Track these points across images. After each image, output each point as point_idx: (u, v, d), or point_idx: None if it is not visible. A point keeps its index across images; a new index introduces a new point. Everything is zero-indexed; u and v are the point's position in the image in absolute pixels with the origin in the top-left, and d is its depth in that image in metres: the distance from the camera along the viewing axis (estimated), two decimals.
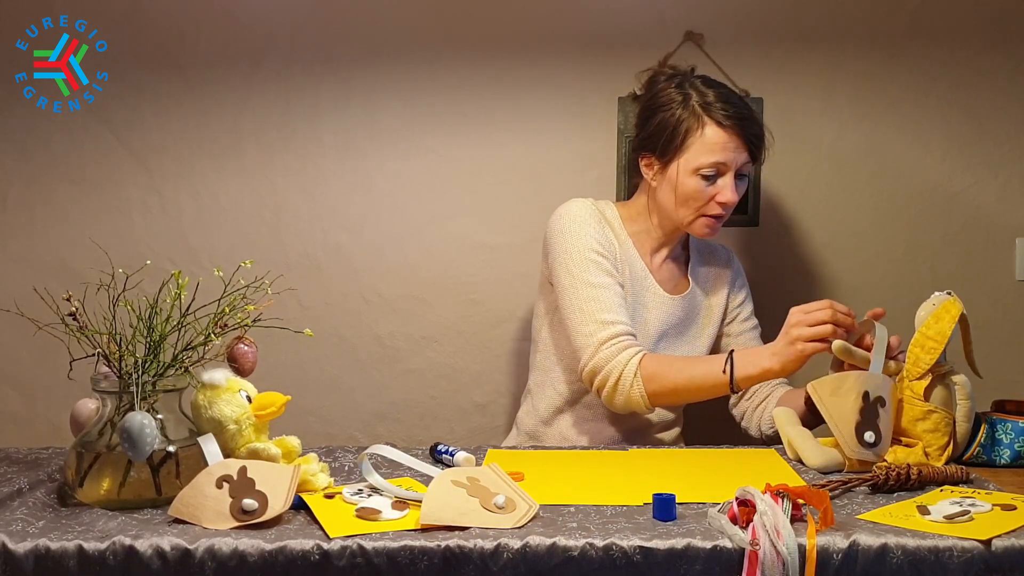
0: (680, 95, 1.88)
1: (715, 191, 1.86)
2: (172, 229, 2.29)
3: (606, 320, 1.81)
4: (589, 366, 1.81)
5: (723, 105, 1.85)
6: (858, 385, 1.60)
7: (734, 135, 1.84)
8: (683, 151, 1.86)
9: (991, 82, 2.25)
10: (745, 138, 1.84)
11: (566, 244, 1.88)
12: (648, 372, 1.78)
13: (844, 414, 1.58)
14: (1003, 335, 2.29)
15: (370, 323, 2.32)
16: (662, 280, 1.98)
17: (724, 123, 1.84)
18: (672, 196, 1.89)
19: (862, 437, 1.56)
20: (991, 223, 2.29)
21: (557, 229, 1.91)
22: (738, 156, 1.85)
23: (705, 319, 2.02)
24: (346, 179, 2.29)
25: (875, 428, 1.57)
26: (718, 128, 1.84)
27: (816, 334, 1.66)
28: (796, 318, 1.69)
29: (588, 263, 1.86)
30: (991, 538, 1.23)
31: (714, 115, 1.84)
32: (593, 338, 1.81)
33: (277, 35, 2.25)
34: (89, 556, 1.22)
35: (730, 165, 1.84)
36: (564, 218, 1.91)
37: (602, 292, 1.84)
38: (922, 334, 1.61)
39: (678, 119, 1.86)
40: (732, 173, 1.85)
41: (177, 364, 1.43)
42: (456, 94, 2.27)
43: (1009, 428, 1.66)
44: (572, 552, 1.22)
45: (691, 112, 1.86)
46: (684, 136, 1.85)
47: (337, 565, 1.22)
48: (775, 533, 1.20)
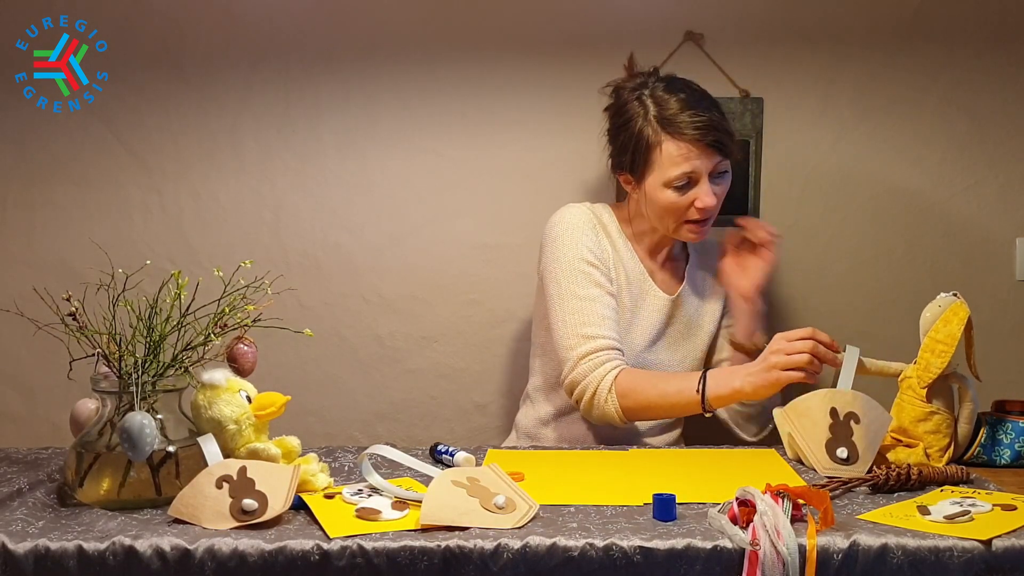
0: (641, 108, 1.87)
1: (692, 198, 1.85)
2: (172, 229, 2.29)
3: (588, 334, 1.82)
4: (568, 379, 1.84)
5: (679, 116, 1.82)
6: (824, 403, 1.59)
7: (695, 144, 1.82)
8: (650, 168, 1.86)
9: (991, 82, 2.25)
10: (707, 144, 1.82)
11: (556, 253, 1.89)
12: (623, 388, 1.79)
13: (813, 432, 1.58)
14: (1003, 335, 2.28)
15: (370, 323, 2.32)
16: (661, 281, 1.98)
17: (684, 134, 1.82)
18: (653, 211, 1.89)
19: (834, 453, 1.55)
20: (991, 223, 2.29)
21: (550, 237, 1.92)
22: (705, 162, 1.83)
23: (703, 318, 2.02)
24: (346, 179, 2.29)
25: (848, 444, 1.55)
26: (676, 140, 1.82)
27: (792, 363, 1.65)
28: (778, 344, 1.68)
29: (577, 274, 1.86)
30: (991, 538, 1.23)
31: (670, 129, 1.83)
32: (573, 352, 1.82)
33: (277, 35, 2.25)
34: (89, 556, 1.22)
35: (700, 171, 1.83)
36: (557, 226, 1.92)
37: (588, 304, 1.85)
38: (932, 339, 1.60)
39: (639, 135, 1.86)
40: (706, 177, 1.84)
41: (177, 364, 1.43)
42: (456, 94, 2.27)
43: (1009, 428, 1.66)
44: (572, 552, 1.22)
45: (650, 127, 1.85)
46: (647, 153, 1.85)
47: (337, 565, 1.22)
48: (775, 533, 1.20)
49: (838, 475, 1.52)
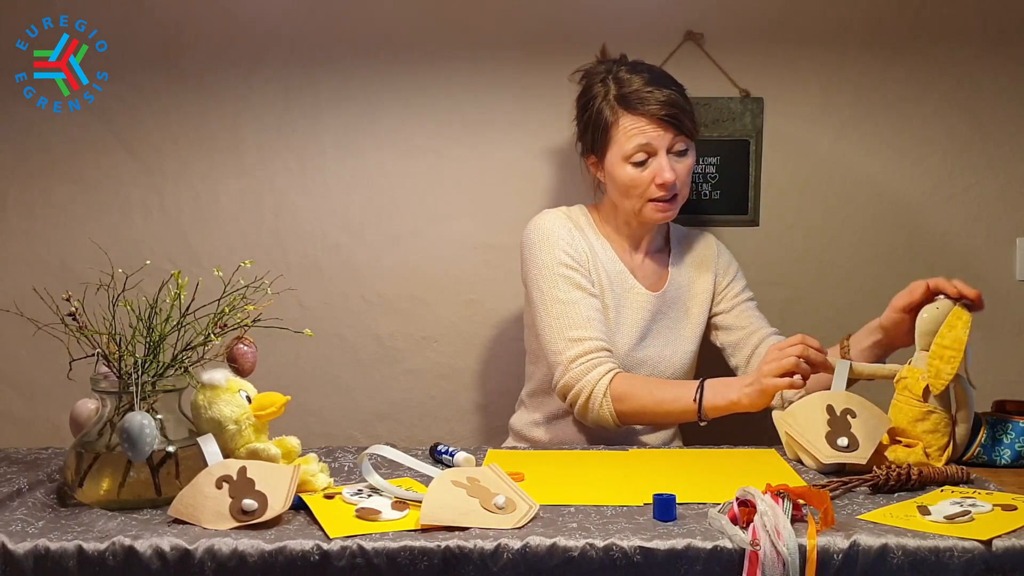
0: (603, 88, 1.91)
1: (652, 174, 1.87)
2: (172, 229, 2.29)
3: (576, 337, 1.83)
4: (561, 383, 1.84)
5: (638, 92, 1.86)
6: (820, 402, 1.62)
7: (651, 118, 1.85)
8: (610, 144, 1.89)
9: (991, 82, 2.25)
10: (662, 118, 1.85)
11: (536, 259, 1.91)
12: (618, 392, 1.80)
13: (811, 426, 1.59)
14: (1003, 335, 2.28)
15: (370, 323, 2.32)
16: (644, 277, 1.98)
17: (637, 109, 1.86)
18: (616, 189, 1.92)
19: (834, 442, 1.56)
20: (991, 223, 2.29)
21: (527, 244, 1.94)
22: (662, 136, 1.86)
23: (690, 310, 2.01)
24: (346, 179, 2.29)
25: (848, 435, 1.57)
26: (632, 115, 1.86)
27: (781, 368, 1.67)
28: (771, 355, 1.70)
29: (557, 278, 1.87)
30: (992, 538, 1.23)
31: (626, 104, 1.87)
32: (563, 356, 1.83)
33: (277, 35, 2.25)
34: (89, 556, 1.22)
35: (656, 145, 1.86)
36: (533, 232, 1.93)
37: (571, 308, 1.85)
38: (938, 345, 1.59)
39: (599, 113, 1.90)
40: (664, 152, 1.86)
41: (177, 364, 1.43)
42: (456, 94, 2.27)
43: (1009, 428, 1.66)
44: (572, 552, 1.22)
45: (608, 104, 1.89)
46: (606, 129, 1.89)
47: (337, 565, 1.22)
48: (775, 533, 1.20)
49: (840, 461, 1.54)
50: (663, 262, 2.02)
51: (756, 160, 2.25)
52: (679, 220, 2.18)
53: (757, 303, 2.05)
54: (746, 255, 2.27)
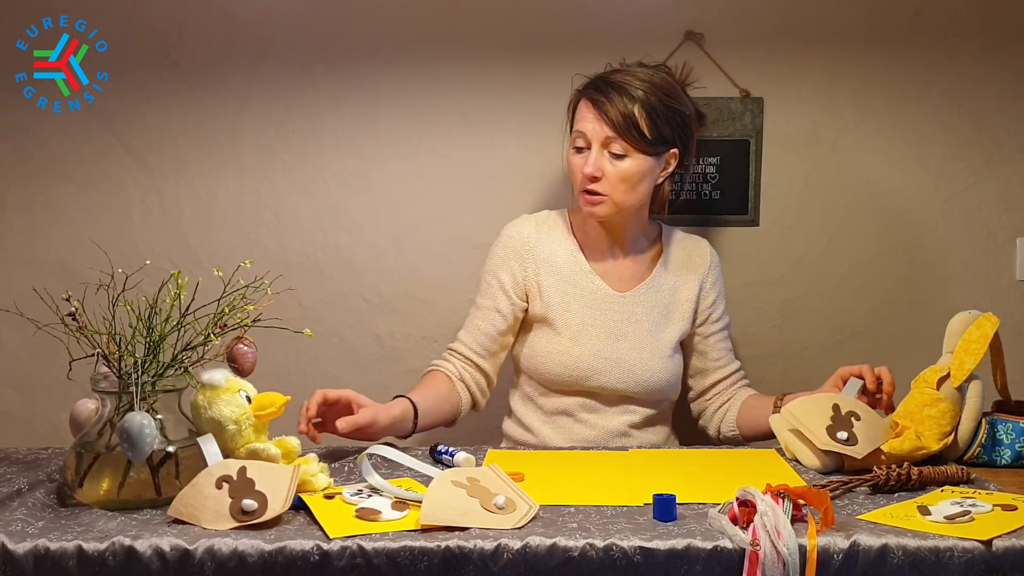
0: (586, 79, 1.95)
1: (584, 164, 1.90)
2: (172, 229, 2.28)
3: (459, 337, 2.00)
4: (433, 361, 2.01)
5: (596, 82, 1.90)
6: (827, 400, 1.66)
7: (591, 109, 1.88)
8: (571, 128, 1.95)
9: (991, 82, 2.25)
10: (601, 111, 1.86)
11: (486, 261, 2.02)
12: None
13: (815, 418, 1.62)
14: (1003, 335, 2.26)
15: (370, 323, 2.32)
16: (616, 278, 1.97)
17: (587, 97, 1.90)
18: None
19: (835, 435, 1.58)
20: (991, 223, 2.29)
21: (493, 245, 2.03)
22: (597, 129, 1.87)
23: (672, 313, 1.99)
24: (346, 179, 2.29)
25: (849, 432, 1.59)
26: (585, 101, 1.90)
27: None
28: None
29: (483, 285, 2.00)
30: (992, 538, 1.23)
31: (587, 90, 1.91)
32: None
33: (277, 35, 2.25)
34: (89, 556, 1.22)
35: (591, 137, 1.88)
36: (498, 237, 2.02)
37: (476, 313, 1.99)
38: (966, 340, 1.66)
39: (573, 97, 1.95)
40: (596, 147, 1.87)
41: (177, 364, 1.43)
42: (456, 94, 2.27)
43: (1010, 428, 1.66)
44: (572, 552, 1.22)
45: (579, 90, 1.94)
46: (572, 112, 1.95)
47: (337, 565, 1.22)
48: (776, 533, 1.20)
49: (835, 451, 1.55)
50: (647, 263, 2.02)
51: (756, 160, 2.25)
52: (679, 221, 2.19)
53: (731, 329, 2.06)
54: (746, 255, 2.27)
